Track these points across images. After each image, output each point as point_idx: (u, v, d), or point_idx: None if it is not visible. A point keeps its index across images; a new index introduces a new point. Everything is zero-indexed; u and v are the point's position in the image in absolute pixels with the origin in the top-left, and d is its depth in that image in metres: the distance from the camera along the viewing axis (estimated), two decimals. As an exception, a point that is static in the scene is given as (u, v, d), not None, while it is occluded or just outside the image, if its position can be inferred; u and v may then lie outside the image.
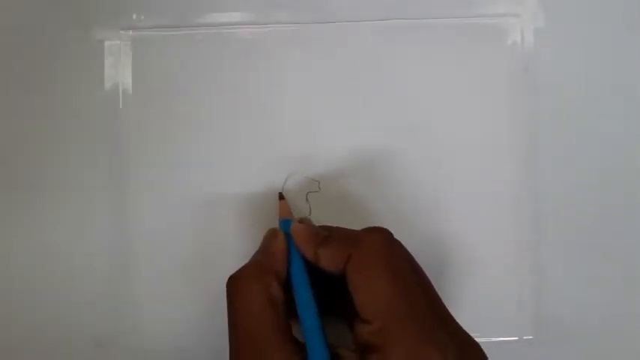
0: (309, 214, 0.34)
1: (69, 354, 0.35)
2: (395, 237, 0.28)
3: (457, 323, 0.27)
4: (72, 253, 0.35)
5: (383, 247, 0.27)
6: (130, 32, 0.35)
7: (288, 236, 0.30)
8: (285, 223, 0.30)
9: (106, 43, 0.35)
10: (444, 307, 0.27)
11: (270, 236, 0.30)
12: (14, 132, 0.35)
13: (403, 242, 0.28)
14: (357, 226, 0.32)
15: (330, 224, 0.31)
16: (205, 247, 0.34)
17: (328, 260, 0.28)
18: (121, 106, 0.35)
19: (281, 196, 0.33)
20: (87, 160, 0.35)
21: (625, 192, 0.35)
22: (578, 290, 0.35)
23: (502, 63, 0.35)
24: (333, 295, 0.29)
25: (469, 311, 0.34)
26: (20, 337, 0.35)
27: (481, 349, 0.26)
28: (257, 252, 0.30)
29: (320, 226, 0.31)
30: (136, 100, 0.35)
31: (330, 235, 0.29)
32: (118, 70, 0.35)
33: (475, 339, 0.27)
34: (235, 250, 0.34)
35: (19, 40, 0.35)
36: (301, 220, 0.31)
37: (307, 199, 0.34)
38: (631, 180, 0.35)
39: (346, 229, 0.30)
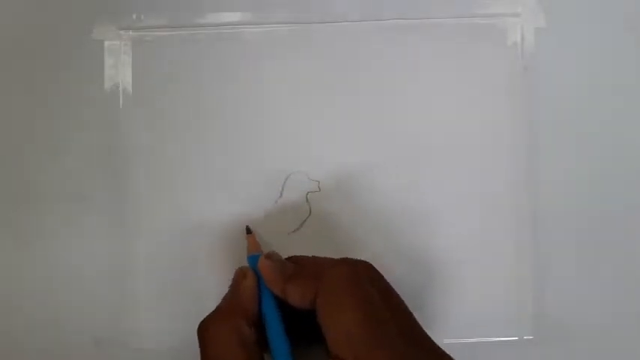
0: (309, 214, 0.34)
1: (69, 354, 0.35)
2: (363, 262, 0.28)
3: (433, 343, 0.27)
4: (72, 253, 0.35)
5: (347, 281, 0.26)
6: (130, 32, 0.35)
7: (257, 273, 0.30)
8: (254, 259, 0.30)
9: (106, 43, 0.35)
10: (418, 328, 0.27)
11: (239, 276, 0.30)
12: (14, 132, 0.35)
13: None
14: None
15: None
16: (206, 247, 0.34)
17: (296, 297, 0.28)
18: (121, 106, 0.35)
19: (248, 230, 0.33)
20: (87, 160, 0.35)
21: (625, 192, 0.35)
22: (578, 290, 0.35)
23: (502, 63, 0.35)
24: (311, 327, 0.28)
25: (469, 311, 0.34)
26: (20, 337, 0.35)
27: None
28: (227, 293, 0.30)
29: (289, 259, 0.30)
30: (136, 100, 0.35)
31: (296, 271, 0.29)
32: (118, 70, 0.35)
33: (451, 356, 0.26)
34: (235, 250, 0.34)
35: (18, 40, 0.35)
36: (268, 255, 0.30)
37: (307, 199, 0.34)
38: (631, 180, 0.35)
39: (316, 260, 0.30)
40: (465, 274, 0.35)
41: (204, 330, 0.28)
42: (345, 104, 0.35)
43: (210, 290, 0.34)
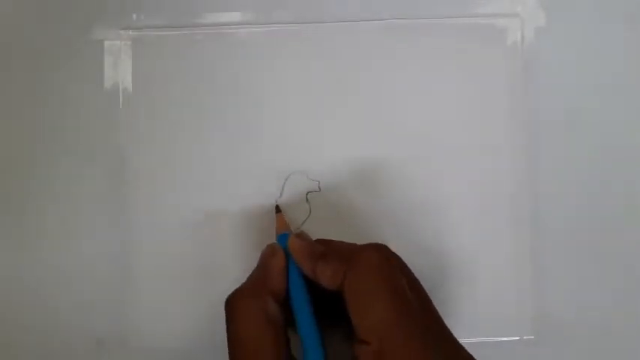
0: (309, 214, 0.34)
1: (69, 354, 0.35)
2: (392, 251, 0.28)
3: (455, 339, 0.27)
4: (72, 253, 0.35)
5: (379, 265, 0.26)
6: (130, 32, 0.35)
7: (286, 252, 0.30)
8: (283, 237, 0.30)
9: (106, 43, 0.35)
10: (443, 323, 0.27)
11: (269, 253, 0.30)
12: (14, 132, 0.35)
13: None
14: (356, 232, 0.32)
15: (329, 233, 0.31)
16: (206, 247, 0.34)
17: (326, 277, 0.27)
18: (121, 106, 0.35)
19: (278, 209, 0.33)
20: (86, 160, 0.35)
21: (625, 192, 0.35)
22: (578, 290, 0.35)
23: (502, 63, 0.35)
24: (337, 310, 0.28)
25: (469, 311, 0.34)
26: (20, 337, 0.35)
27: None
28: (255, 269, 0.30)
29: (317, 241, 0.30)
30: (136, 100, 0.35)
31: (327, 251, 0.28)
32: (118, 70, 0.35)
33: (467, 349, 0.26)
34: (235, 250, 0.34)
35: (18, 40, 0.35)
36: (299, 235, 0.30)
37: (307, 199, 0.34)
38: (631, 180, 0.35)
39: (344, 243, 0.30)
40: (465, 275, 0.35)
41: (231, 306, 0.28)
42: (345, 104, 0.35)
43: (211, 291, 0.34)
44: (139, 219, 0.35)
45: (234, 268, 0.34)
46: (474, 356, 0.26)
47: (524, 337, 0.35)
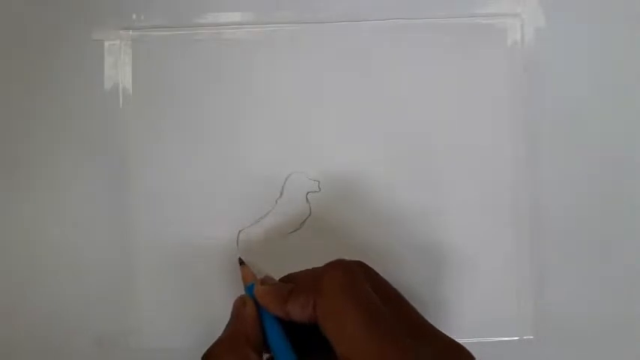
0: (309, 214, 0.34)
1: (69, 354, 0.35)
2: (353, 262, 0.28)
3: (436, 330, 0.27)
4: (72, 253, 0.35)
5: (342, 285, 0.26)
6: (130, 32, 0.35)
7: (256, 301, 0.29)
8: (251, 288, 0.30)
9: (106, 43, 0.35)
10: (423, 320, 0.27)
11: (239, 305, 0.30)
12: (14, 132, 0.35)
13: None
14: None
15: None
16: (206, 246, 0.34)
17: (298, 314, 0.27)
18: (121, 106, 0.35)
19: (241, 262, 0.33)
20: (87, 160, 0.35)
21: (625, 192, 0.35)
22: (578, 290, 0.35)
23: (502, 63, 0.35)
24: (321, 339, 0.28)
25: (469, 311, 0.34)
26: (21, 337, 0.35)
27: (471, 356, 0.26)
28: (229, 322, 0.30)
29: (283, 278, 0.30)
30: (136, 100, 0.35)
31: (293, 288, 0.28)
32: (118, 70, 0.35)
33: (465, 346, 0.26)
34: (235, 250, 0.34)
35: (18, 40, 0.35)
36: (263, 281, 0.30)
37: (307, 199, 0.34)
38: (631, 180, 0.35)
39: (308, 271, 0.30)
40: (465, 275, 0.35)
41: None
42: (345, 104, 0.35)
43: (211, 290, 0.34)
44: (139, 219, 0.35)
45: (234, 267, 0.34)
46: (475, 356, 0.26)
47: (524, 337, 0.35)
